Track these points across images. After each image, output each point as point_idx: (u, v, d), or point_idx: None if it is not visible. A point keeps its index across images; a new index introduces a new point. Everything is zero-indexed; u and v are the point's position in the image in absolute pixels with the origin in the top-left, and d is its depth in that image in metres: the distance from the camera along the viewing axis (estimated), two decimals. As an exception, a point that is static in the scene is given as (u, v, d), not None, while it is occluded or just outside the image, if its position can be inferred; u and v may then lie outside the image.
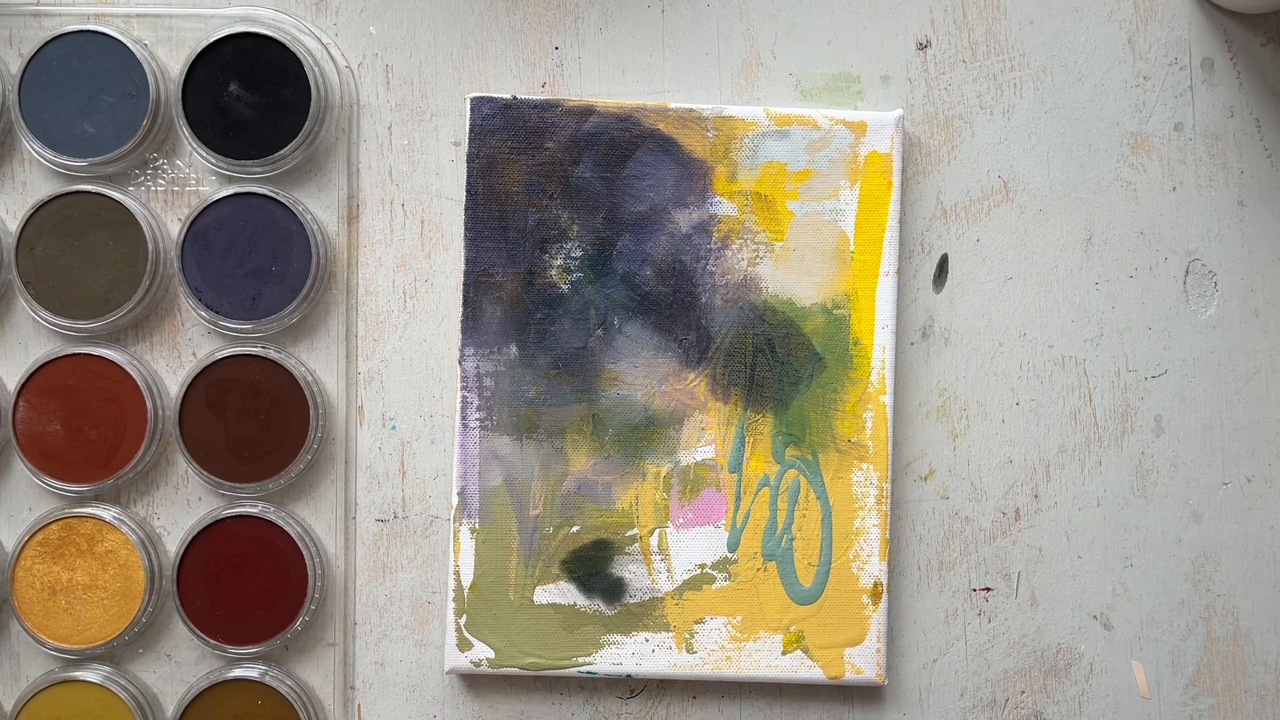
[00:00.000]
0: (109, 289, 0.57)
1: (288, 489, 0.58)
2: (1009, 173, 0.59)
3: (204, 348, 0.58)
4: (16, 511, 0.58)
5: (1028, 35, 0.59)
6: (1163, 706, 0.59)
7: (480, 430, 0.58)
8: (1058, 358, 0.59)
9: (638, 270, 0.58)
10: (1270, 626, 0.60)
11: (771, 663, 0.58)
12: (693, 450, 0.58)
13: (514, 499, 0.58)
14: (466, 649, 0.57)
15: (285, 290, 0.57)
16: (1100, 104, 0.59)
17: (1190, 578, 0.59)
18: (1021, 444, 0.59)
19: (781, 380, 0.58)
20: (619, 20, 0.59)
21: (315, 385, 0.58)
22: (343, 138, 0.59)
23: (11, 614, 0.57)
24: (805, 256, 0.58)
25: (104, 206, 0.57)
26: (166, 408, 0.58)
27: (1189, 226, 0.60)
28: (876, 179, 0.58)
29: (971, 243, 0.59)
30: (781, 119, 0.58)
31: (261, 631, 0.57)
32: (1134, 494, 0.59)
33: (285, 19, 0.58)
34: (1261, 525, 0.60)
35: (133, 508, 0.58)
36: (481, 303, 0.58)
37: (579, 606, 0.58)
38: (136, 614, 0.57)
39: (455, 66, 0.59)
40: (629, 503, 0.58)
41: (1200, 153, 0.60)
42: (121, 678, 0.57)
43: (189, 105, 0.57)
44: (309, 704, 0.57)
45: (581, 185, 0.58)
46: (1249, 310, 0.60)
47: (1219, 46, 0.60)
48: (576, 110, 0.58)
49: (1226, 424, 0.60)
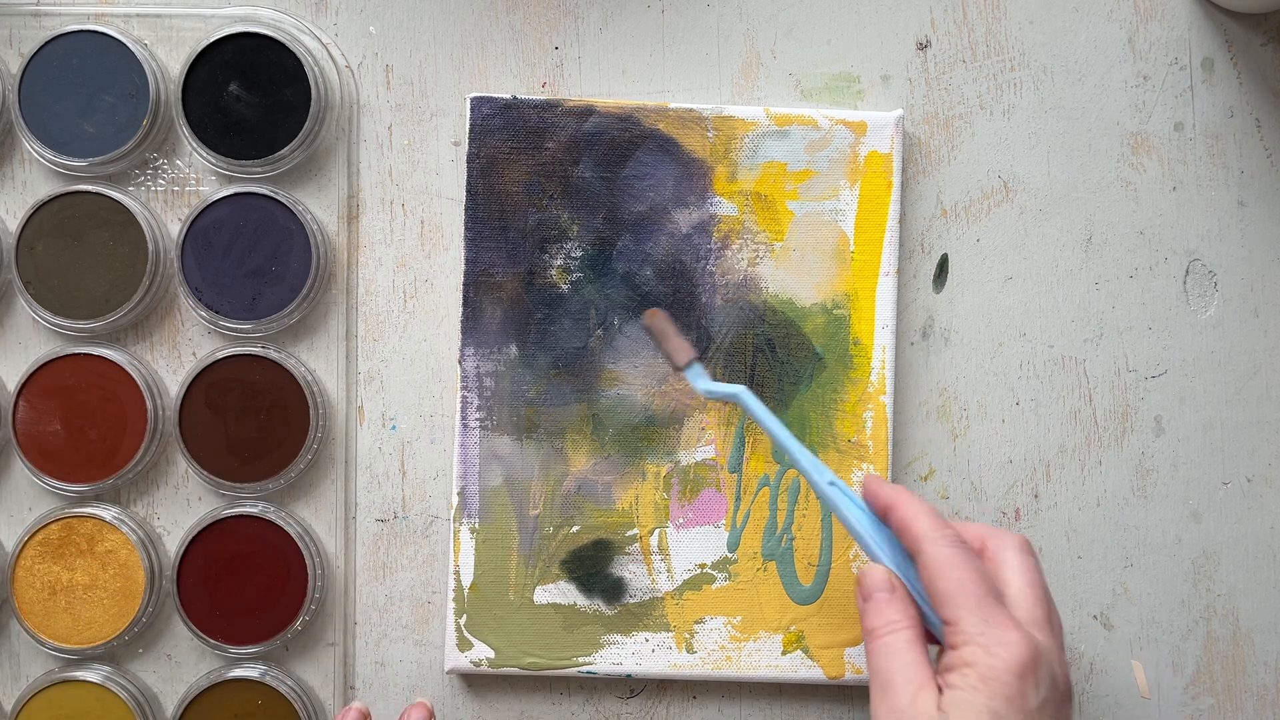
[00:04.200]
0: (109, 289, 0.57)
1: (288, 489, 0.58)
2: (1009, 173, 0.59)
3: (204, 348, 0.58)
4: (16, 511, 0.58)
5: (1028, 35, 0.59)
6: (1163, 706, 0.59)
7: (480, 430, 0.58)
8: (1058, 358, 0.59)
9: (638, 270, 0.58)
10: (1270, 626, 0.60)
11: (771, 663, 0.58)
12: (693, 450, 0.58)
13: (514, 499, 0.58)
14: (466, 649, 0.57)
15: (285, 290, 0.57)
16: (1100, 104, 0.59)
17: (1190, 578, 0.59)
18: (1021, 444, 0.59)
19: (781, 380, 0.58)
20: (619, 20, 0.59)
21: (315, 385, 0.58)
22: (343, 138, 0.59)
23: (11, 614, 0.57)
24: (805, 256, 0.58)
25: (104, 206, 0.57)
26: (166, 408, 0.58)
27: (1189, 226, 0.60)
28: (876, 179, 0.58)
29: (971, 243, 0.59)
30: (781, 119, 0.58)
31: (261, 631, 0.57)
32: (1134, 494, 0.59)
33: (285, 19, 0.58)
34: (1261, 525, 0.60)
35: (133, 508, 0.58)
36: (481, 303, 0.58)
37: (579, 606, 0.58)
38: (136, 614, 0.57)
39: (455, 66, 0.59)
40: (629, 503, 0.58)
41: (1200, 153, 0.60)
42: (121, 678, 0.57)
43: (189, 105, 0.57)
44: (309, 704, 0.57)
45: (581, 185, 0.58)
46: (1249, 310, 0.60)
47: (1219, 46, 0.60)
48: (576, 110, 0.58)
49: (1226, 424, 0.60)
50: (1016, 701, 0.44)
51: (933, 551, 0.47)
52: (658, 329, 0.56)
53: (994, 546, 0.49)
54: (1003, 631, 0.45)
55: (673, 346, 0.56)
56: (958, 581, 0.46)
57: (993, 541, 0.49)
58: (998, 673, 0.44)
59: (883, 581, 0.49)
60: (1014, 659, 0.44)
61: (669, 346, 0.56)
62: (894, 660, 0.47)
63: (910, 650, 0.47)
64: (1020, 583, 0.48)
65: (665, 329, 0.56)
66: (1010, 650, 0.45)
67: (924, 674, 0.46)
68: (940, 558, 0.47)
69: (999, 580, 0.48)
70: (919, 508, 0.49)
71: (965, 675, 0.45)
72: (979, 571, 0.47)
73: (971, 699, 0.44)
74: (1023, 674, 0.44)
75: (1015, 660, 0.44)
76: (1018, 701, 0.44)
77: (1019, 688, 0.44)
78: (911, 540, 0.48)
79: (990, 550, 0.49)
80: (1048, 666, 0.45)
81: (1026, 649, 0.45)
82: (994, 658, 0.45)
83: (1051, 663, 0.46)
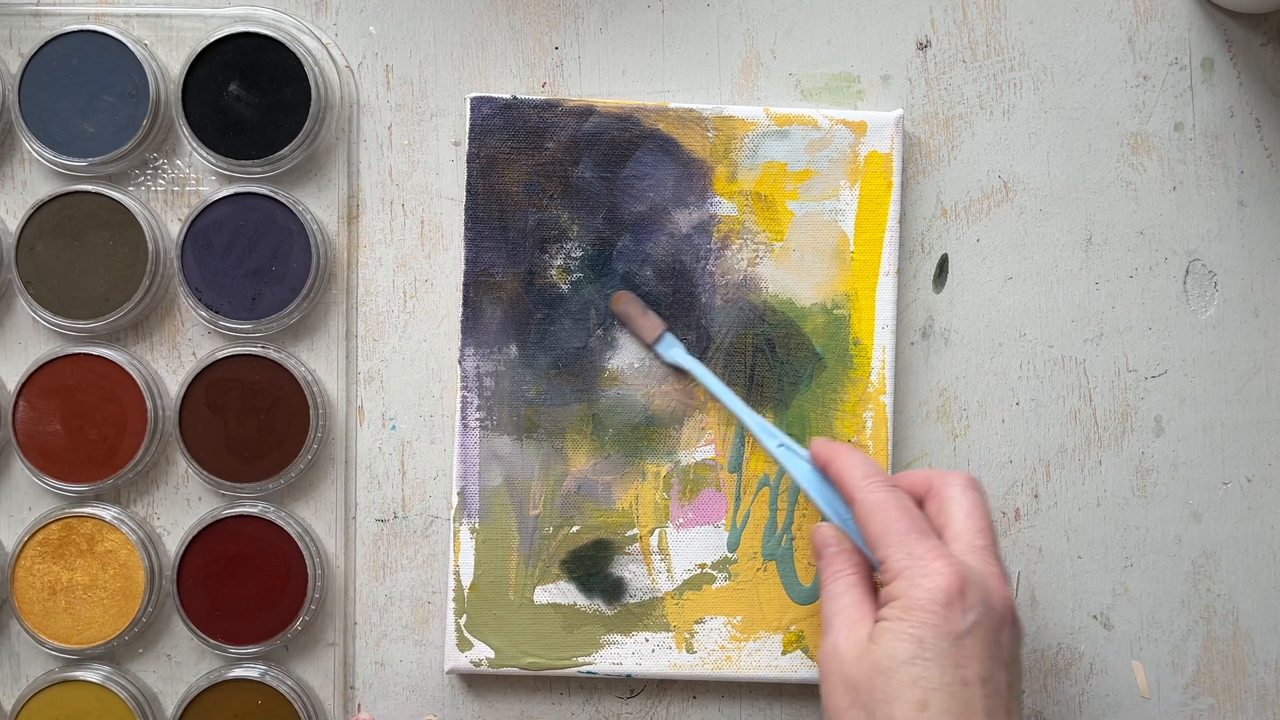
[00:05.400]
0: (109, 289, 0.57)
1: (288, 489, 0.58)
2: (1009, 173, 0.59)
3: (204, 348, 0.58)
4: (16, 511, 0.58)
5: (1028, 35, 0.59)
6: (1163, 706, 0.59)
7: (480, 430, 0.58)
8: (1058, 358, 0.59)
9: (638, 270, 0.58)
10: (1270, 626, 0.60)
11: (771, 663, 0.58)
12: (693, 450, 0.58)
13: (514, 499, 0.58)
14: (466, 649, 0.57)
15: (285, 290, 0.57)
16: (1100, 104, 0.59)
17: (1190, 578, 0.59)
18: (1021, 444, 0.59)
19: (781, 380, 0.58)
20: (619, 20, 0.59)
21: (315, 385, 0.58)
22: (343, 138, 0.59)
23: (11, 614, 0.57)
24: (805, 256, 0.58)
25: (104, 206, 0.57)
26: (166, 408, 0.58)
27: (1189, 226, 0.60)
28: (876, 179, 0.58)
29: (971, 243, 0.59)
30: (781, 119, 0.58)
31: (261, 631, 0.57)
32: (1134, 494, 0.59)
33: (285, 19, 0.58)
34: (1261, 525, 0.60)
35: (133, 508, 0.58)
36: (481, 303, 0.58)
37: (579, 606, 0.58)
38: (136, 614, 0.57)
39: (455, 66, 0.59)
40: (629, 502, 0.58)
41: (1200, 153, 0.60)
42: (121, 678, 0.57)
43: (189, 105, 0.57)
44: (309, 704, 0.57)
45: (581, 185, 0.58)
46: (1249, 310, 0.60)
47: (1219, 46, 0.60)
48: (576, 110, 0.58)
49: (1226, 424, 0.60)
50: (941, 627, 0.47)
51: (862, 498, 0.50)
52: (623, 312, 0.57)
53: (939, 484, 0.52)
54: (927, 563, 0.48)
55: (639, 325, 0.57)
56: (882, 523, 0.49)
57: (938, 480, 0.52)
58: (921, 602, 0.47)
59: (830, 536, 0.53)
60: (937, 587, 0.47)
61: (636, 326, 0.57)
62: (834, 603, 0.51)
63: (850, 593, 0.50)
64: (962, 515, 0.50)
65: (631, 310, 0.57)
66: (933, 580, 0.47)
67: (860, 611, 0.49)
68: (869, 503, 0.50)
69: (943, 516, 0.51)
70: (853, 460, 0.52)
71: (893, 608, 0.48)
72: (904, 510, 0.50)
73: (896, 628, 0.47)
74: (948, 601, 0.47)
75: (938, 588, 0.47)
76: (943, 627, 0.47)
77: (943, 614, 0.47)
78: (847, 490, 0.51)
79: (935, 488, 0.52)
80: (979, 591, 0.48)
81: (949, 577, 0.47)
82: (916, 588, 0.47)
83: (987, 588, 0.48)
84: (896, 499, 0.50)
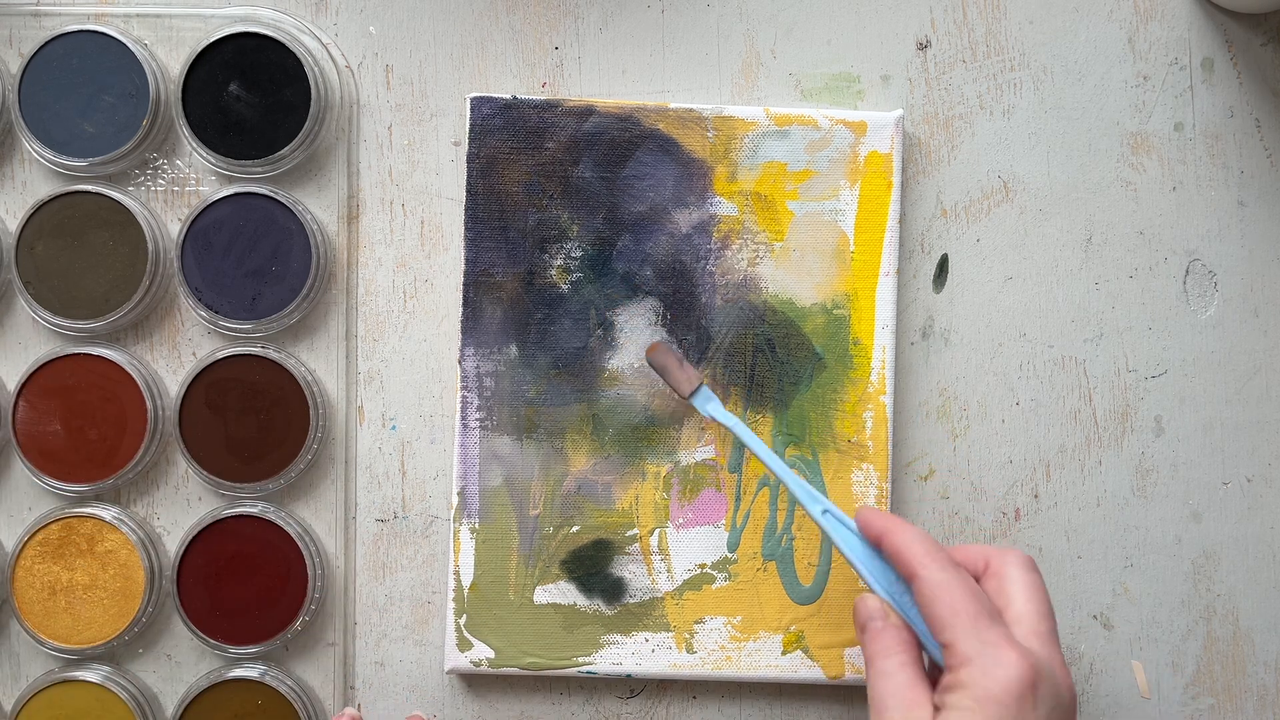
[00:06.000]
0: (109, 289, 0.57)
1: (288, 489, 0.58)
2: (1009, 173, 0.59)
3: (204, 348, 0.58)
4: (16, 511, 0.58)
5: (1028, 35, 0.59)
6: (1163, 706, 0.59)
7: (480, 430, 0.58)
8: (1058, 358, 0.59)
9: (638, 270, 0.58)
10: (1270, 626, 0.60)
11: (771, 663, 0.58)
12: (693, 450, 0.58)
13: (514, 499, 0.58)
14: (466, 649, 0.57)
15: (285, 290, 0.57)
16: (1100, 104, 0.59)
17: (1190, 578, 0.59)
18: (1021, 444, 0.59)
19: (781, 380, 0.58)
20: (619, 20, 0.59)
21: (315, 385, 0.58)
22: (343, 138, 0.59)
23: (11, 614, 0.57)
24: (805, 256, 0.58)
25: (104, 206, 0.57)
26: (166, 408, 0.58)
27: (1189, 226, 0.60)
28: (876, 179, 0.58)
29: (971, 243, 0.59)
30: (781, 119, 0.58)
31: (261, 631, 0.57)
32: (1134, 494, 0.59)
33: (285, 19, 0.58)
34: (1261, 525, 0.60)
35: (133, 508, 0.58)
36: (481, 303, 0.58)
37: (579, 606, 0.58)
38: (136, 614, 0.57)
39: (455, 66, 0.59)
40: (629, 503, 0.58)
41: (1200, 153, 0.60)
42: (121, 678, 0.57)
43: (189, 105, 0.57)
44: (309, 704, 0.57)
45: (581, 185, 0.58)
46: (1249, 310, 0.60)
47: (1219, 46, 0.60)
48: (576, 110, 0.58)
49: (1226, 424, 0.60)
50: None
51: (927, 576, 0.48)
52: (660, 363, 0.56)
53: (996, 564, 0.49)
54: (999, 652, 0.45)
55: (676, 378, 0.56)
56: (951, 604, 0.47)
57: (995, 559, 0.50)
58: (994, 694, 0.45)
59: (876, 610, 0.50)
60: (1010, 679, 0.45)
61: (673, 379, 0.56)
62: (887, 683, 0.47)
63: (902, 672, 0.47)
64: (1023, 598, 0.48)
65: (668, 362, 0.56)
66: (1007, 670, 0.45)
67: (916, 694, 0.47)
68: (934, 582, 0.47)
69: (1003, 597, 0.48)
70: (912, 534, 0.49)
71: (961, 696, 0.45)
72: (973, 593, 0.47)
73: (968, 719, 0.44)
74: (1021, 694, 0.45)
75: (1012, 680, 0.45)
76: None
77: (1016, 707, 0.44)
78: (906, 566, 0.49)
79: (994, 568, 0.49)
80: (1050, 683, 0.46)
81: (1024, 668, 0.45)
82: (989, 678, 0.45)
83: (1055, 678, 0.46)
84: (962, 579, 0.48)
